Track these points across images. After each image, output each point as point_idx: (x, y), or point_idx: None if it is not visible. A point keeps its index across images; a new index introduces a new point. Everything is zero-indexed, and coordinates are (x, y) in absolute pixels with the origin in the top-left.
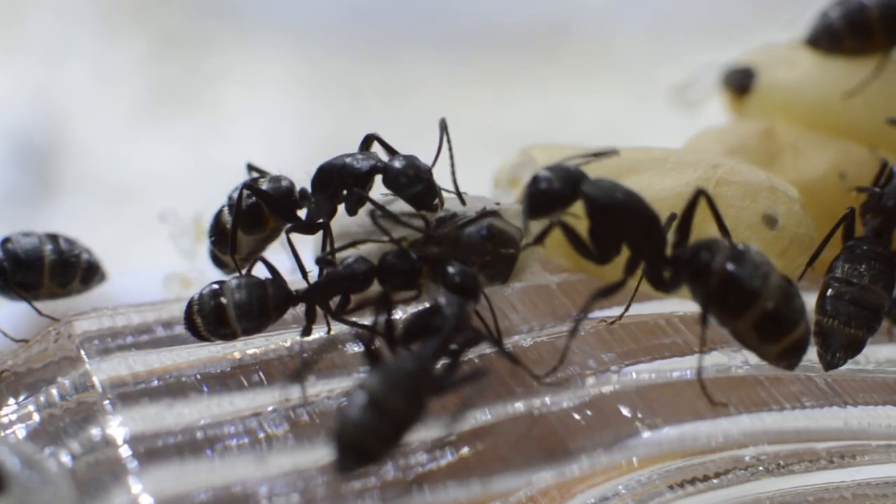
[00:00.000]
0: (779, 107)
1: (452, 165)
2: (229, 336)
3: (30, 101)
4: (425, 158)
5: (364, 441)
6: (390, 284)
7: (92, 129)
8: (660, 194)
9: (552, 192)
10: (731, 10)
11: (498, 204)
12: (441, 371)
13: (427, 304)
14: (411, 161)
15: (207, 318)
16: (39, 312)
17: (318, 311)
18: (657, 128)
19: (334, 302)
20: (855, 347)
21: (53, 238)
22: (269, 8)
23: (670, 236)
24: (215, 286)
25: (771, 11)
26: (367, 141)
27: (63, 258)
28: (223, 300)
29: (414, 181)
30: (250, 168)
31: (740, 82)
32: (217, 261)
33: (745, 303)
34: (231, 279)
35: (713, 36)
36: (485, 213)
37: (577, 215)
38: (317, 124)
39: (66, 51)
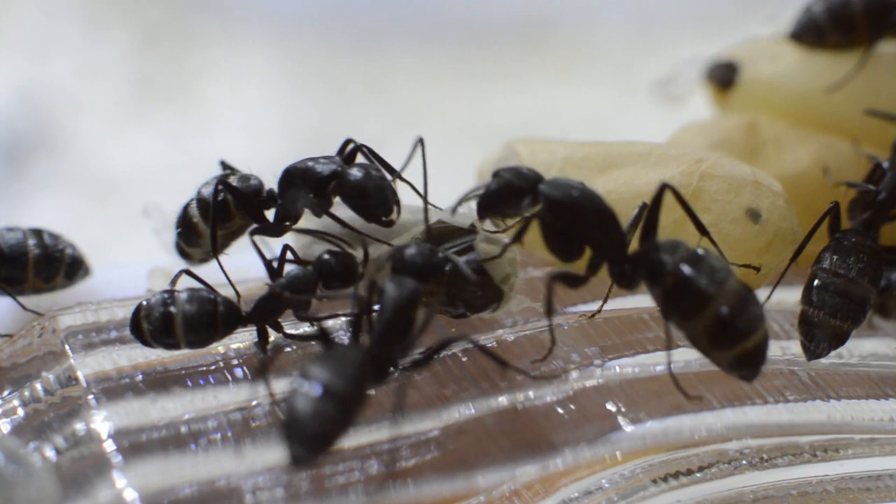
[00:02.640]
0: (762, 101)
1: (426, 178)
2: (173, 346)
3: (13, 96)
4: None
5: (319, 428)
6: (332, 285)
7: (76, 124)
8: (644, 188)
9: (511, 190)
10: (713, 5)
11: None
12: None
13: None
14: (366, 173)
15: (154, 325)
16: (24, 307)
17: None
18: (640, 122)
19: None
20: (839, 339)
21: (38, 233)
22: (253, 2)
23: (637, 231)
24: (166, 296)
25: (753, 6)
26: (353, 151)
27: (47, 253)
28: (172, 310)
29: (364, 195)
30: (224, 166)
31: (724, 76)
32: (182, 252)
33: (697, 305)
34: (182, 291)
35: (696, 30)
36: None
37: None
38: (301, 119)
39: (51, 45)
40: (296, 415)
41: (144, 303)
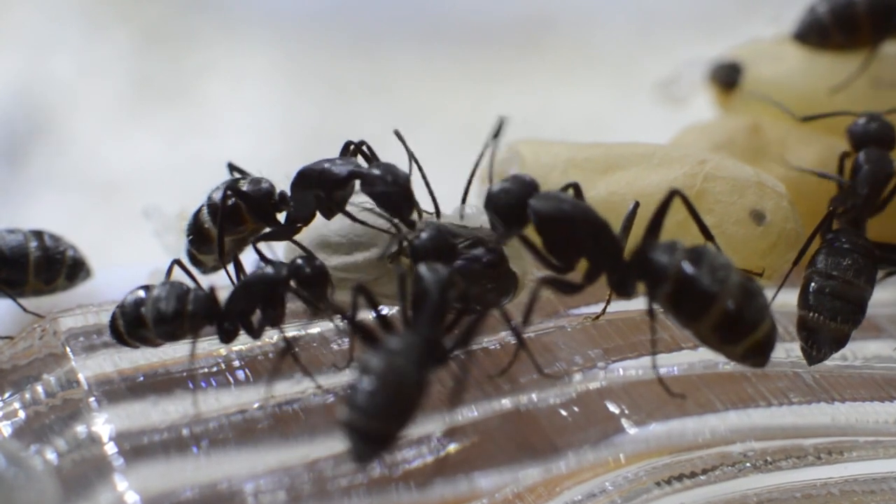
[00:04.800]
0: (765, 102)
1: (424, 176)
2: (146, 340)
3: (13, 96)
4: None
5: (377, 426)
6: (306, 290)
7: (76, 124)
8: (646, 190)
9: (506, 211)
10: (714, 5)
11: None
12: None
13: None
14: (390, 168)
15: (127, 318)
16: (24, 309)
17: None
18: (642, 122)
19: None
20: (840, 342)
21: (38, 235)
22: (253, 2)
23: (640, 236)
24: (141, 292)
25: (755, 6)
26: (353, 149)
27: (48, 255)
28: (143, 310)
29: (392, 188)
30: (231, 168)
31: (727, 77)
32: (194, 259)
33: (703, 304)
34: (156, 288)
35: (697, 30)
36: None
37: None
38: (301, 119)
39: (50, 45)
40: (359, 411)
41: (120, 303)
